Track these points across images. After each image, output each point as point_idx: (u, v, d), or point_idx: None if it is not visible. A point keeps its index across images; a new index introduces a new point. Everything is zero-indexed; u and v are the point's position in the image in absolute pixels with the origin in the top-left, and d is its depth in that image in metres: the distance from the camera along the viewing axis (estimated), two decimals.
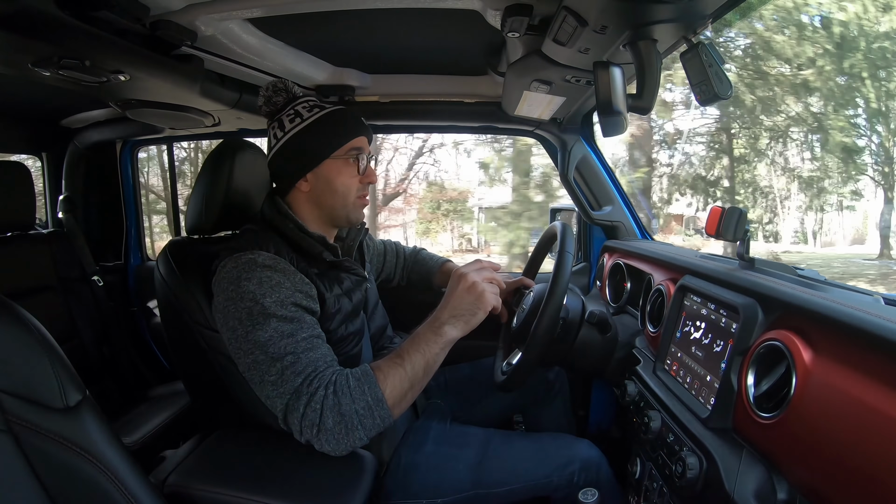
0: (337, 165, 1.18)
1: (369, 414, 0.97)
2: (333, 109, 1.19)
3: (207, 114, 1.74)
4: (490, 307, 1.09)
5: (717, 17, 0.93)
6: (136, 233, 2.48)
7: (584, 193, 1.94)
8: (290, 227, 1.15)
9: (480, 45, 1.44)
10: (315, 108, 1.18)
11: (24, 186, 1.85)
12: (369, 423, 0.97)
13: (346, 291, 1.20)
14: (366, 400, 0.97)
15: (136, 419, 1.86)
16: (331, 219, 1.22)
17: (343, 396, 0.96)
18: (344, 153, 1.18)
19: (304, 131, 1.16)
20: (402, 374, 1.01)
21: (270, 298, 1.01)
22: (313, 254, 1.15)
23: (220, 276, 1.06)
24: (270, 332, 0.99)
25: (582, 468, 1.24)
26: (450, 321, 1.06)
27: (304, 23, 1.26)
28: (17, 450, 0.71)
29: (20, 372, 0.73)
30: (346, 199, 1.20)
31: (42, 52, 1.10)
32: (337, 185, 1.18)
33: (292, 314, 1.02)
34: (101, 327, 2.11)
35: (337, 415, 0.95)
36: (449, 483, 1.22)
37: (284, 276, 1.05)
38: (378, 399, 0.98)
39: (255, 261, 1.05)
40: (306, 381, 0.97)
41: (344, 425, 0.95)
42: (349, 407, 0.95)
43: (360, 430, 0.97)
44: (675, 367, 1.12)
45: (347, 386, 0.97)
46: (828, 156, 8.59)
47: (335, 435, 0.96)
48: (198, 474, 1.02)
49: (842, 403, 0.67)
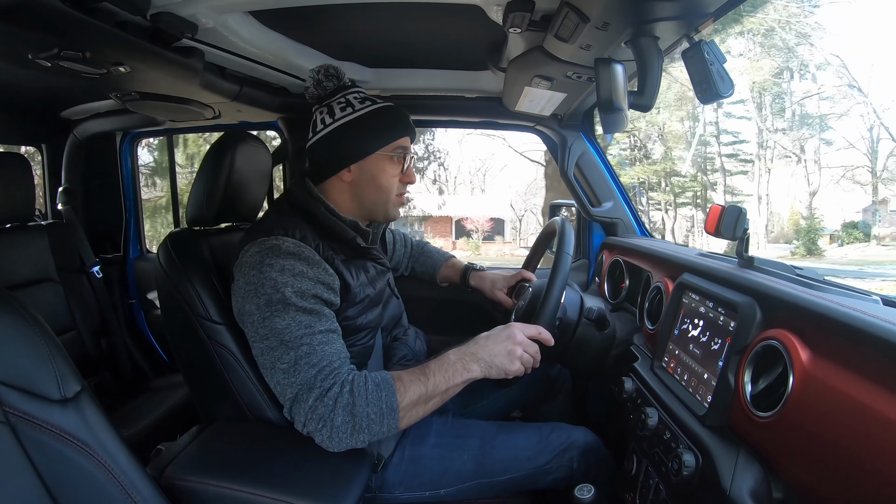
0: (383, 161, 1.19)
1: (379, 420, 0.98)
2: (386, 105, 1.20)
3: (208, 106, 1.73)
4: (514, 376, 1.11)
5: (720, 16, 0.92)
6: (135, 224, 2.48)
7: (583, 190, 1.94)
8: (322, 210, 1.15)
9: (482, 40, 1.44)
10: (367, 101, 1.19)
11: (24, 178, 1.85)
12: (376, 429, 0.98)
13: (370, 280, 1.22)
14: (380, 406, 0.98)
15: (134, 411, 1.87)
16: (369, 212, 1.23)
17: (359, 397, 0.97)
18: (391, 150, 1.19)
19: (354, 122, 1.16)
20: (421, 391, 1.02)
21: (291, 288, 1.01)
22: (344, 239, 1.16)
23: (243, 260, 1.06)
24: (288, 321, 1.00)
25: (581, 454, 1.25)
26: (480, 363, 1.07)
27: (304, 15, 1.26)
28: (15, 441, 0.71)
29: (18, 363, 0.73)
30: (388, 196, 1.21)
31: (43, 44, 1.10)
32: (381, 181, 1.19)
33: (312, 306, 1.03)
34: (100, 319, 2.11)
35: (348, 414, 0.96)
36: (452, 474, 1.23)
37: (308, 265, 1.05)
38: (392, 408, 0.98)
39: (279, 247, 1.05)
40: (320, 374, 0.98)
41: (352, 425, 0.96)
42: (362, 409, 0.96)
43: (366, 434, 0.97)
44: (672, 364, 1.13)
45: (366, 388, 0.98)
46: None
47: (340, 433, 0.96)
48: (195, 466, 1.02)
49: (838, 403, 0.67)
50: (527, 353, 1.10)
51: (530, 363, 1.12)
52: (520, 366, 1.09)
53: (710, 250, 1.47)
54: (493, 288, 1.63)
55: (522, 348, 1.10)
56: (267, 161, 1.38)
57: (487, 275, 1.68)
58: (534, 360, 1.12)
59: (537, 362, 1.14)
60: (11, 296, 0.78)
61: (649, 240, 1.83)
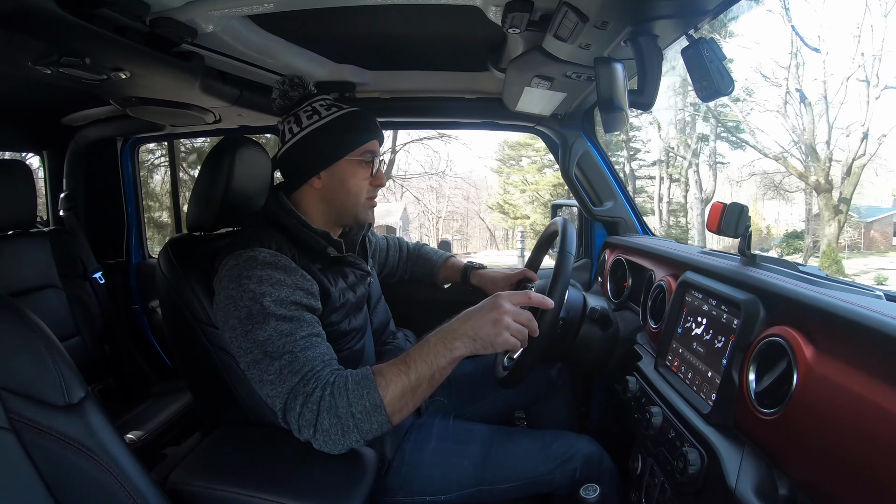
0: (352, 166, 1.18)
1: (366, 418, 0.95)
2: (352, 110, 1.20)
3: (208, 111, 1.74)
4: (505, 350, 1.03)
5: (718, 13, 0.92)
6: (137, 230, 2.49)
7: (585, 189, 1.94)
8: (293, 222, 1.15)
9: (481, 40, 1.44)
10: (333, 108, 1.18)
11: (26, 184, 1.85)
12: (366, 428, 0.96)
13: (350, 285, 1.21)
14: (363, 404, 0.95)
15: (139, 416, 1.87)
16: (340, 217, 1.23)
17: (340, 399, 0.95)
18: (359, 154, 1.18)
19: (321, 129, 1.16)
20: (404, 382, 0.97)
21: (270, 298, 1.01)
22: (316, 249, 1.16)
23: (222, 274, 1.06)
24: (269, 332, 0.99)
25: (583, 464, 1.24)
26: (463, 339, 0.99)
27: (304, 19, 1.26)
28: (20, 447, 0.71)
29: (22, 370, 0.73)
30: (358, 200, 1.21)
31: (42, 51, 1.10)
32: (350, 186, 1.19)
33: (292, 313, 1.02)
34: (103, 325, 2.11)
35: (333, 416, 0.94)
36: (452, 480, 1.22)
37: (286, 273, 1.05)
38: (376, 405, 0.95)
39: (255, 258, 1.05)
40: (303, 380, 0.96)
41: (340, 427, 0.95)
42: (346, 410, 0.94)
43: (356, 433, 0.96)
44: (676, 362, 1.13)
45: (346, 388, 0.96)
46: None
47: (332, 436, 0.95)
48: (200, 471, 1.03)
49: (843, 400, 0.67)
50: (516, 323, 0.99)
51: (523, 334, 1.00)
52: (508, 337, 0.98)
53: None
54: (494, 287, 1.62)
55: (511, 317, 0.99)
56: (267, 166, 1.38)
57: (488, 273, 1.67)
58: (528, 329, 1.02)
59: (534, 331, 1.02)
60: (14, 303, 0.78)
61: (651, 238, 1.82)
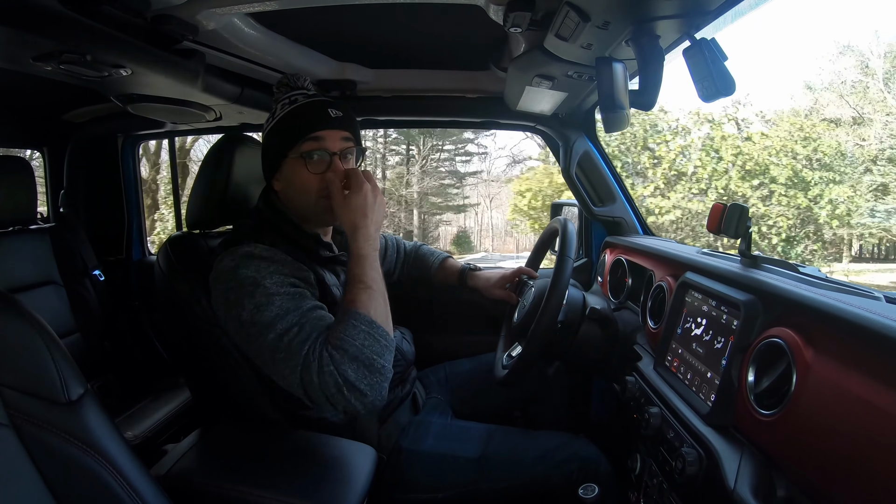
0: (295, 164, 1.13)
1: (372, 340, 0.96)
2: (299, 104, 1.14)
3: (209, 108, 1.73)
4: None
5: (720, 14, 0.92)
6: (137, 227, 2.48)
7: (585, 189, 1.94)
8: (284, 223, 1.15)
9: (482, 40, 1.44)
10: (288, 105, 1.15)
11: (26, 181, 1.85)
12: (378, 348, 0.96)
13: (342, 283, 1.21)
14: (360, 330, 0.95)
15: (138, 413, 1.87)
16: (304, 218, 1.18)
17: (342, 342, 0.94)
18: (299, 151, 1.13)
19: (272, 130, 1.15)
20: (371, 293, 1.01)
21: (270, 280, 1.01)
22: (308, 249, 1.16)
23: (218, 270, 1.06)
24: (276, 310, 0.98)
25: (580, 466, 1.24)
26: (375, 234, 1.08)
27: (305, 17, 1.26)
28: (20, 444, 0.71)
29: (22, 366, 0.73)
30: (308, 199, 1.14)
31: (43, 47, 1.10)
32: (296, 185, 1.14)
33: (294, 290, 1.02)
34: (103, 322, 2.11)
35: (349, 360, 0.93)
36: (449, 478, 1.23)
37: (282, 265, 1.05)
38: (369, 321, 0.97)
39: (251, 253, 1.05)
40: (311, 347, 0.95)
41: (362, 365, 0.94)
42: (353, 346, 0.94)
43: (378, 359, 0.95)
44: (675, 363, 1.13)
45: (340, 334, 0.95)
46: None
47: (363, 380, 0.93)
48: (199, 468, 1.03)
49: (842, 401, 0.67)
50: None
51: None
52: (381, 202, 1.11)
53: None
54: (492, 286, 1.62)
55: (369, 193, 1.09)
56: None
57: (484, 274, 1.66)
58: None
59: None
60: (14, 299, 0.78)
61: (652, 239, 1.82)
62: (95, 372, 2.03)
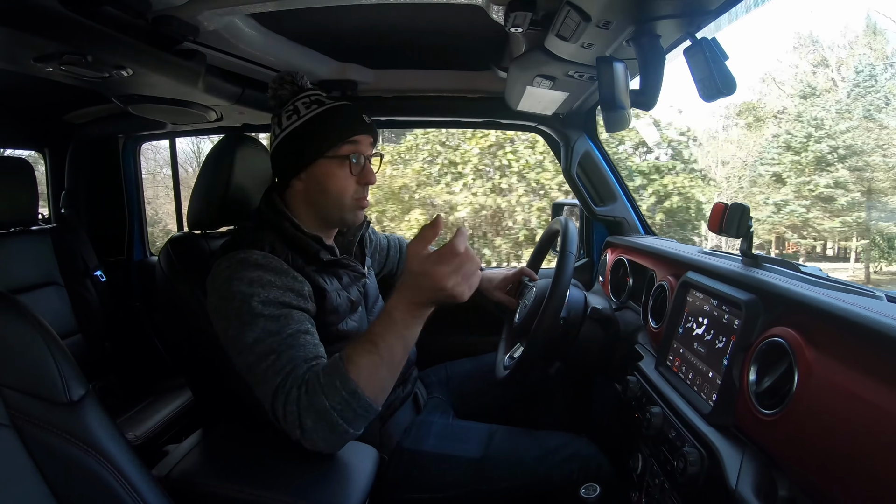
0: (331, 166, 1.14)
1: (347, 407, 0.92)
2: (331, 106, 1.16)
3: (210, 109, 1.73)
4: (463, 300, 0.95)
5: (721, 13, 0.92)
6: (138, 228, 2.48)
7: (586, 189, 1.94)
8: (286, 225, 1.14)
9: (483, 40, 1.44)
10: (314, 105, 1.15)
11: (27, 182, 1.85)
12: (350, 416, 0.93)
13: (344, 286, 1.20)
14: (339, 394, 0.91)
15: (140, 414, 1.88)
16: (325, 219, 1.19)
17: (314, 395, 0.92)
18: (338, 153, 1.14)
19: (298, 129, 1.14)
20: (376, 360, 0.94)
21: (258, 298, 1.00)
22: (309, 252, 1.14)
23: (214, 275, 1.06)
24: (258, 333, 0.98)
25: (582, 466, 1.24)
26: (429, 301, 0.95)
27: (306, 18, 1.26)
28: (21, 444, 0.71)
29: (23, 367, 0.73)
30: (341, 202, 1.16)
31: (44, 48, 1.10)
32: (330, 187, 1.15)
33: (280, 312, 1.01)
34: (104, 322, 2.12)
35: (313, 414, 0.92)
36: (450, 478, 1.22)
37: (276, 274, 1.04)
38: (352, 391, 0.91)
39: (247, 259, 1.04)
40: (284, 380, 0.95)
41: (324, 423, 0.92)
42: (322, 405, 0.91)
43: (343, 425, 0.93)
44: (677, 362, 1.12)
45: (318, 383, 0.93)
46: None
47: (319, 433, 0.93)
48: (201, 469, 1.03)
49: (843, 400, 0.67)
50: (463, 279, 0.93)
51: (472, 277, 0.94)
52: (466, 293, 0.93)
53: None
54: (493, 288, 1.62)
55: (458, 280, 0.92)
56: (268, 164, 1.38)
57: (486, 275, 1.65)
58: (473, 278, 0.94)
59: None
60: (16, 300, 0.78)
61: (653, 238, 1.82)
62: (97, 372, 2.03)
